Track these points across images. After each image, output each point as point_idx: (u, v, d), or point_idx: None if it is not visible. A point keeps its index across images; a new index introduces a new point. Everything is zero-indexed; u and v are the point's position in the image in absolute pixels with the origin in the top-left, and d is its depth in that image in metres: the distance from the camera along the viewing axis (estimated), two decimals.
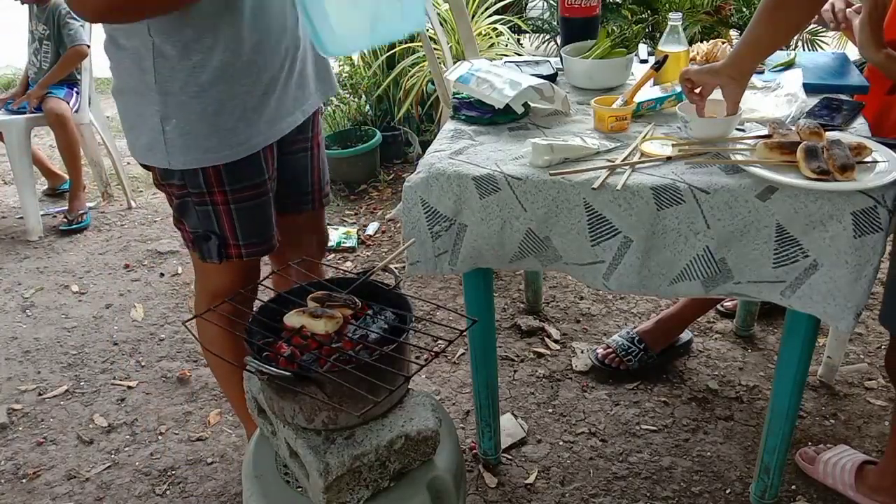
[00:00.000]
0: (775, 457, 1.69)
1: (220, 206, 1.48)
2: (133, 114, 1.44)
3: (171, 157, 1.42)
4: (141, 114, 1.41)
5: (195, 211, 1.50)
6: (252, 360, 1.19)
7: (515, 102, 1.67)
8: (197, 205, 1.49)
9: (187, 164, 1.42)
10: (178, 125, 1.38)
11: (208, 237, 1.52)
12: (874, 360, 2.27)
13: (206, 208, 1.49)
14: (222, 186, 1.46)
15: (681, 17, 1.81)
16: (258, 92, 1.43)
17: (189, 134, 1.39)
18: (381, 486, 1.28)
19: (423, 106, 3.56)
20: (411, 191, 1.52)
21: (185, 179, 1.46)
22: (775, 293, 1.44)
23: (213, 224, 1.50)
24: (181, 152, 1.41)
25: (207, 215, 1.50)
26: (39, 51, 3.46)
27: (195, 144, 1.40)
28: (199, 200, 1.48)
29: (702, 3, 3.38)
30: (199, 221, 1.51)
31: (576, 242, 1.49)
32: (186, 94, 1.36)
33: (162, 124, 1.38)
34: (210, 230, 1.51)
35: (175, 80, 1.35)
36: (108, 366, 2.46)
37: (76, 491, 1.97)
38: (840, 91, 1.77)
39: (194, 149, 1.41)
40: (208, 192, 1.46)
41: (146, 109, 1.39)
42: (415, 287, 2.76)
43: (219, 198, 1.47)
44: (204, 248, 1.53)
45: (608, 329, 2.48)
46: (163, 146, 1.41)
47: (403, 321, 1.33)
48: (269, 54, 1.42)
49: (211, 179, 1.45)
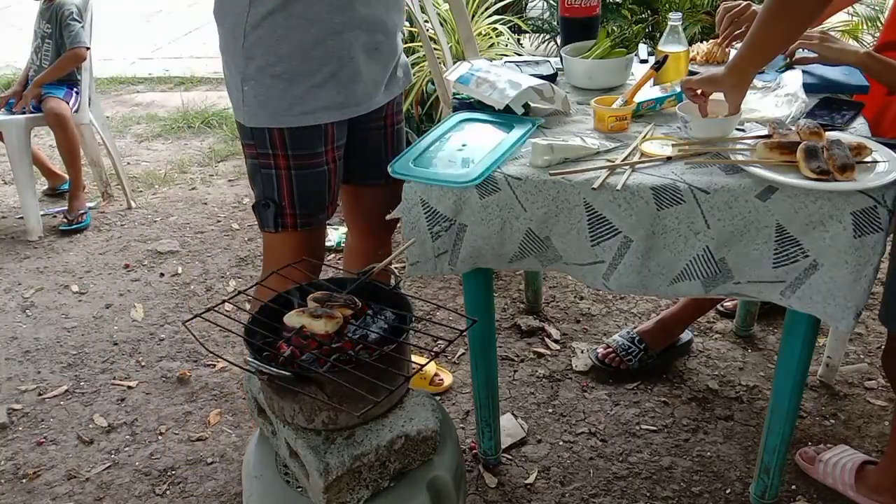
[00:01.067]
0: (775, 457, 1.69)
1: (282, 170, 1.64)
2: (227, 73, 1.65)
3: (246, 115, 1.61)
4: (231, 73, 1.62)
5: (260, 175, 1.66)
6: (252, 360, 1.19)
7: (515, 103, 1.67)
8: (262, 167, 1.65)
9: (257, 123, 1.61)
10: (254, 87, 1.58)
11: (267, 205, 1.67)
12: (874, 360, 2.27)
13: (270, 172, 1.65)
14: (285, 150, 1.62)
15: (681, 17, 1.81)
16: (329, 72, 1.58)
17: (262, 96, 1.58)
18: (381, 486, 1.28)
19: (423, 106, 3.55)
20: (411, 191, 1.52)
21: (255, 139, 1.63)
22: (775, 293, 1.44)
23: (273, 190, 1.65)
24: (253, 111, 1.60)
25: (270, 180, 1.65)
26: (40, 49, 3.46)
27: (266, 106, 1.59)
28: (265, 163, 1.64)
29: (702, 3, 3.38)
30: (263, 187, 1.67)
31: (576, 242, 1.49)
32: (266, 61, 1.55)
33: (242, 84, 1.59)
34: (270, 197, 1.66)
35: (258, 47, 1.55)
36: (108, 366, 2.46)
37: (76, 491, 1.97)
38: (840, 91, 1.77)
39: (265, 110, 1.59)
40: (273, 154, 1.63)
41: (233, 69, 1.61)
42: (415, 287, 2.76)
43: (282, 162, 1.63)
44: (263, 215, 1.69)
45: (608, 329, 2.48)
46: (241, 104, 1.61)
47: (403, 321, 1.34)
48: (348, 41, 1.58)
49: (276, 141, 1.61)
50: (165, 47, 6.78)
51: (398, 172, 1.53)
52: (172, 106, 4.99)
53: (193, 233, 3.31)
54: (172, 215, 3.49)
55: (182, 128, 4.57)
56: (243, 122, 1.63)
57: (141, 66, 6.19)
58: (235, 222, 3.37)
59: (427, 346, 1.21)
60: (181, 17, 7.64)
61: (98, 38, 3.52)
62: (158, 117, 4.79)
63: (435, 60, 2.78)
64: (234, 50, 1.58)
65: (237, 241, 3.20)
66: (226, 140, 4.32)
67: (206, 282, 2.91)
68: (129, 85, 5.64)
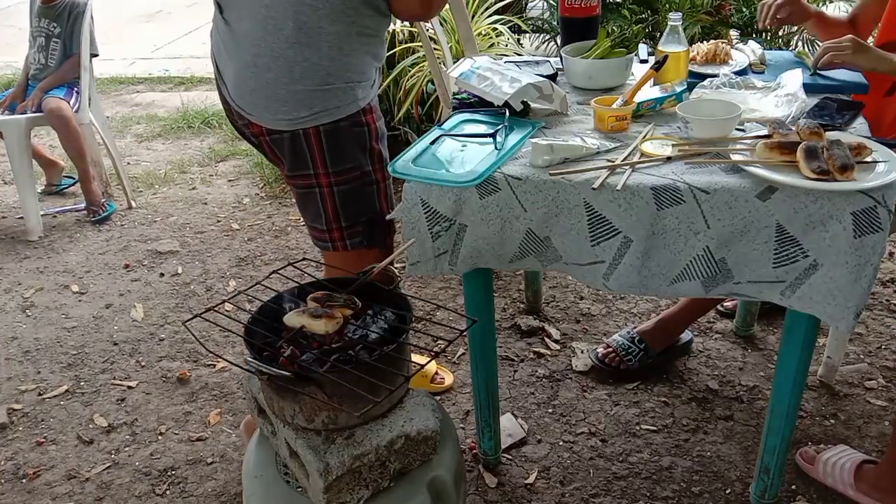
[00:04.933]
0: (775, 457, 1.69)
1: (380, 183, 1.67)
2: (326, 83, 1.62)
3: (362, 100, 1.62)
4: (334, 82, 1.60)
5: (364, 192, 1.67)
6: (252, 359, 1.19)
7: (514, 100, 1.67)
8: (366, 185, 1.66)
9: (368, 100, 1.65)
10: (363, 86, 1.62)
11: (372, 222, 1.70)
12: (874, 360, 2.27)
13: (371, 188, 1.68)
14: (383, 164, 1.65)
15: (681, 17, 1.81)
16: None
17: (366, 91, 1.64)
18: (381, 486, 1.28)
19: (423, 106, 3.55)
20: (411, 191, 1.52)
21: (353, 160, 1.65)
22: (775, 293, 1.44)
23: (375, 207, 1.68)
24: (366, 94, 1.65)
25: (372, 196, 1.69)
26: (45, 48, 3.45)
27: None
28: (368, 181, 1.66)
29: (702, 3, 3.37)
30: (366, 205, 1.67)
31: (576, 242, 1.49)
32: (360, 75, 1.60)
33: (356, 88, 1.61)
34: (374, 212, 1.69)
35: (360, 62, 1.59)
36: (108, 366, 2.46)
37: (76, 491, 1.97)
38: (840, 91, 1.77)
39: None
40: (372, 169, 1.65)
41: (338, 80, 1.60)
42: (415, 287, 2.76)
43: (380, 174, 1.67)
44: (367, 233, 1.68)
45: (608, 329, 2.48)
46: (356, 98, 1.61)
47: (403, 321, 1.34)
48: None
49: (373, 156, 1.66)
50: (165, 47, 6.78)
51: (398, 172, 1.53)
52: (172, 106, 4.99)
53: (193, 233, 3.31)
54: (172, 215, 3.49)
55: (182, 128, 4.57)
56: (356, 107, 1.58)
57: (141, 66, 6.19)
58: (235, 222, 3.37)
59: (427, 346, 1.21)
60: (181, 17, 7.65)
61: (98, 38, 3.51)
62: (158, 117, 4.79)
63: (435, 60, 2.78)
64: (344, 64, 1.55)
65: (237, 241, 3.20)
66: (226, 140, 4.32)
67: (206, 282, 2.91)
68: (129, 85, 5.64)
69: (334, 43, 1.51)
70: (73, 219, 3.48)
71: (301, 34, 1.49)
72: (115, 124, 4.61)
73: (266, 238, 3.21)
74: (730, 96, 1.70)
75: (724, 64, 1.94)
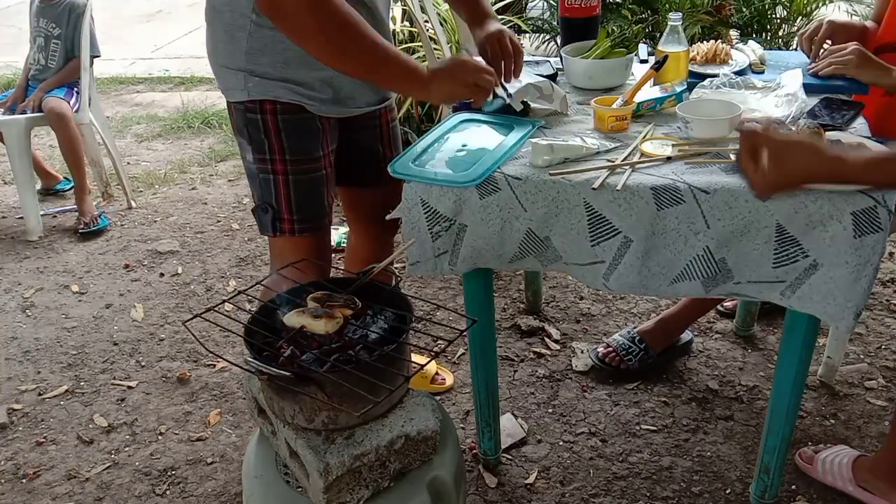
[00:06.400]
0: (775, 457, 1.69)
1: (279, 175, 1.64)
2: (223, 67, 1.63)
3: (248, 92, 1.60)
4: (228, 68, 1.62)
5: (259, 179, 1.67)
6: (252, 359, 1.19)
7: (514, 100, 1.67)
8: (261, 172, 1.65)
9: (260, 94, 1.59)
10: (257, 78, 1.59)
11: (266, 209, 1.68)
12: (874, 360, 2.27)
13: (268, 177, 1.65)
14: (283, 155, 1.61)
15: (681, 17, 1.81)
16: (326, 75, 1.58)
17: (263, 83, 1.58)
18: (381, 486, 1.28)
19: (422, 106, 3.55)
20: (411, 191, 1.52)
21: (253, 143, 1.64)
22: (775, 293, 1.44)
23: (271, 195, 1.66)
24: (257, 88, 1.60)
25: (268, 184, 1.67)
26: (45, 48, 3.45)
27: (269, 88, 1.59)
28: (263, 168, 1.65)
29: (702, 3, 3.37)
30: (262, 191, 1.68)
31: (576, 242, 1.49)
32: (272, 67, 1.57)
33: (245, 80, 1.59)
34: (268, 202, 1.67)
35: (263, 54, 1.56)
36: (108, 366, 2.46)
37: (76, 491, 1.97)
38: (840, 91, 1.77)
39: (266, 89, 1.59)
40: (271, 159, 1.63)
41: (231, 65, 1.60)
42: (415, 287, 2.76)
43: (279, 167, 1.63)
44: (262, 219, 1.71)
45: (608, 329, 2.48)
46: (244, 85, 1.59)
47: (403, 321, 1.34)
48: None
49: (274, 146, 1.62)
50: (165, 47, 6.78)
51: (398, 172, 1.53)
52: (172, 106, 4.99)
53: (193, 233, 3.31)
54: (172, 215, 3.49)
55: (182, 128, 4.57)
56: (245, 96, 1.58)
57: (141, 66, 6.19)
58: (235, 222, 3.37)
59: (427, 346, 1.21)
60: (181, 17, 7.64)
61: (98, 37, 3.51)
62: (158, 117, 4.79)
63: (435, 60, 2.79)
64: (234, 51, 1.56)
65: (237, 241, 3.20)
66: (226, 140, 4.32)
67: (206, 282, 2.91)
68: (129, 85, 5.64)
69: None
70: (73, 219, 3.48)
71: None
72: (115, 124, 4.61)
73: (266, 238, 3.20)
74: (730, 96, 1.70)
75: (724, 64, 1.94)
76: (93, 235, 3.32)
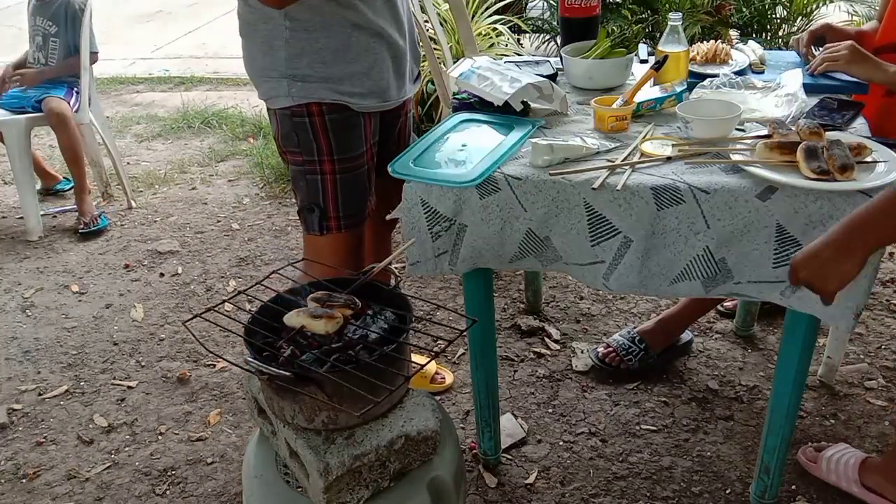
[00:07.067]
0: (775, 457, 1.69)
1: (327, 175, 1.72)
2: (264, 76, 1.70)
3: (294, 96, 1.68)
4: (269, 76, 1.70)
5: (305, 180, 1.74)
6: (252, 359, 1.19)
7: (514, 100, 1.67)
8: (308, 173, 1.73)
9: (305, 97, 1.67)
10: (301, 81, 1.67)
11: (312, 209, 1.75)
12: (874, 360, 2.27)
13: (315, 177, 1.73)
14: (332, 155, 1.70)
15: (681, 17, 1.81)
16: (363, 68, 1.67)
17: (308, 86, 1.66)
18: (381, 486, 1.28)
19: (422, 106, 3.55)
20: (411, 191, 1.52)
21: (301, 146, 1.72)
22: (775, 293, 1.44)
23: (318, 195, 1.74)
24: (301, 92, 1.68)
25: (315, 185, 1.74)
26: (44, 47, 3.44)
27: (314, 91, 1.67)
28: (310, 169, 1.73)
29: (702, 3, 3.38)
30: (307, 192, 1.75)
31: (576, 242, 1.49)
32: (311, 69, 1.64)
33: (289, 86, 1.68)
34: (314, 202, 1.74)
35: (303, 57, 1.64)
36: (108, 366, 2.46)
37: (76, 491, 1.97)
38: (840, 91, 1.77)
39: (312, 92, 1.67)
40: (318, 160, 1.71)
41: (273, 73, 1.70)
42: (415, 287, 2.76)
43: (327, 167, 1.71)
44: (309, 220, 1.76)
45: (608, 329, 2.48)
46: (288, 91, 1.67)
47: (403, 321, 1.34)
48: (376, 44, 1.68)
49: (322, 147, 1.70)
50: (165, 47, 6.78)
51: (398, 172, 1.53)
52: (172, 106, 4.99)
53: (193, 233, 3.31)
54: (172, 215, 3.49)
55: (182, 128, 4.57)
56: (290, 101, 1.65)
57: (141, 66, 6.19)
58: (235, 222, 3.37)
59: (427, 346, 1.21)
60: (181, 17, 7.65)
61: (98, 37, 3.51)
62: (158, 117, 4.79)
63: (435, 60, 2.79)
64: (273, 60, 1.63)
65: (237, 241, 3.20)
66: (226, 140, 4.32)
67: (206, 282, 2.91)
68: (129, 85, 5.64)
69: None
70: (73, 219, 3.48)
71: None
72: (115, 124, 4.61)
73: (266, 238, 3.21)
74: (730, 96, 1.70)
75: (724, 64, 1.94)
76: (93, 235, 3.32)
